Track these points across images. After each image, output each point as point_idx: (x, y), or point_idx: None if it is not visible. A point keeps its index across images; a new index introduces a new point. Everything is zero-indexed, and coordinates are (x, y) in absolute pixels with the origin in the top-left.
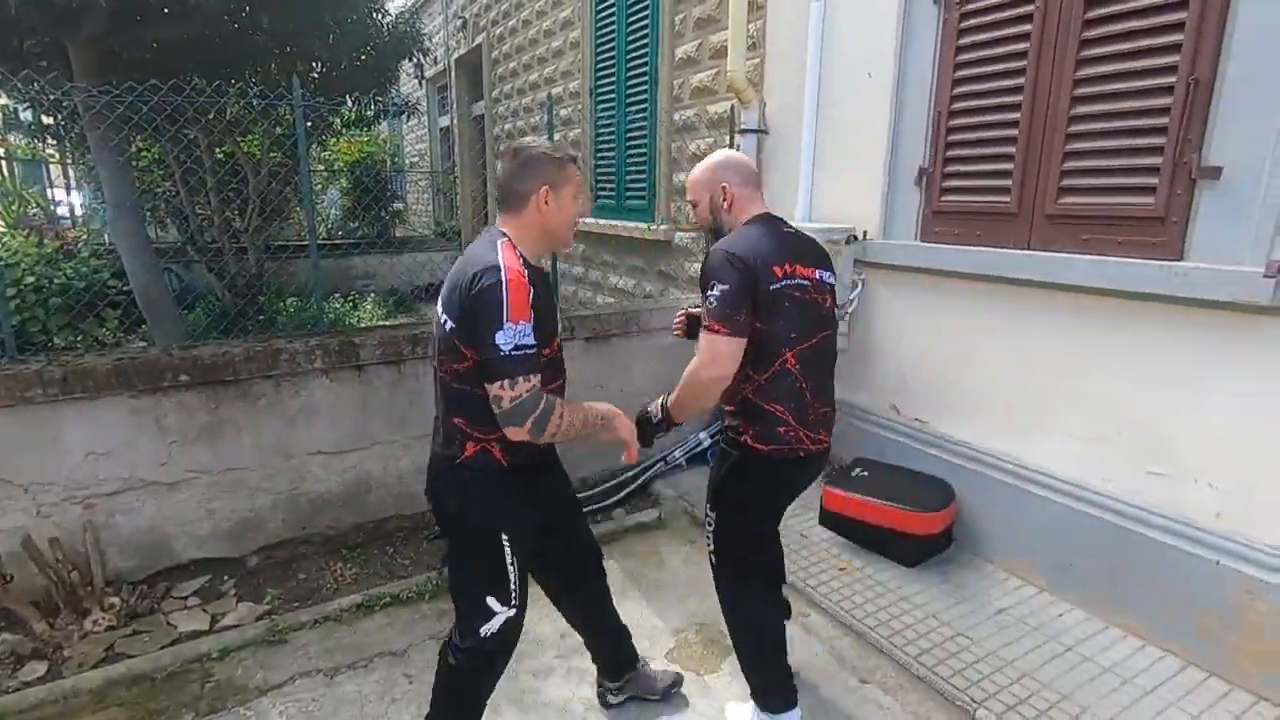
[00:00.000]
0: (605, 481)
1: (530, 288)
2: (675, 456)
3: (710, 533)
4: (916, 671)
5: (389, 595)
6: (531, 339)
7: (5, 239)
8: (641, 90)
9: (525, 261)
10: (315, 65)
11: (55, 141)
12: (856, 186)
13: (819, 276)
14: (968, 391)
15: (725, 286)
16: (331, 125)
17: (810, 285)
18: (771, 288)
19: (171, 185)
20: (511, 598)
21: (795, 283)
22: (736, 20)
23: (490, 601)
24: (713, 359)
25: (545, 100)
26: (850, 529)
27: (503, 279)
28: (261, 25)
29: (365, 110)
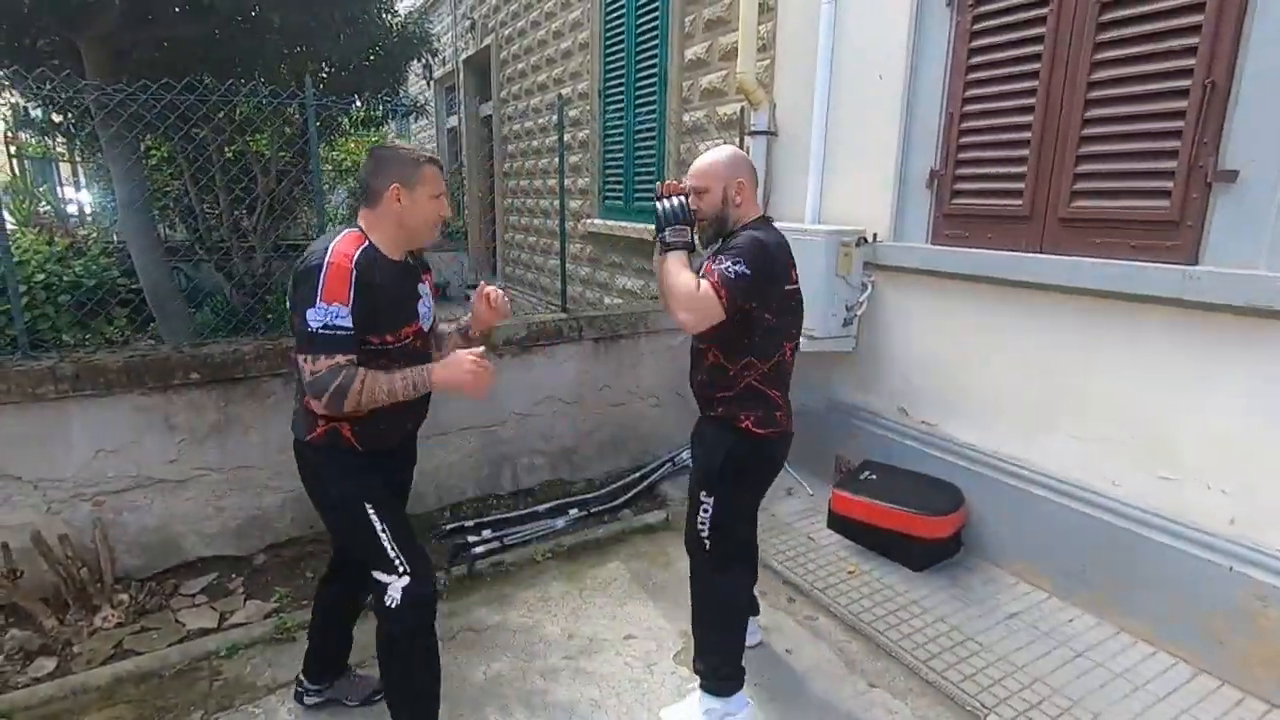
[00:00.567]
0: (612, 483)
1: (353, 273)
2: (683, 459)
3: (706, 517)
4: (926, 676)
5: None
6: (345, 321)
7: (17, 236)
8: (650, 92)
9: (370, 253)
10: (325, 65)
11: (65, 139)
12: (867, 188)
13: (797, 278)
14: (977, 394)
15: (748, 273)
16: (340, 125)
17: (798, 287)
18: (787, 288)
19: (181, 184)
20: (396, 567)
21: (796, 286)
22: (747, 22)
23: (378, 575)
24: (700, 315)
25: (555, 101)
26: (859, 532)
27: (325, 262)
28: (273, 25)
29: (374, 110)
